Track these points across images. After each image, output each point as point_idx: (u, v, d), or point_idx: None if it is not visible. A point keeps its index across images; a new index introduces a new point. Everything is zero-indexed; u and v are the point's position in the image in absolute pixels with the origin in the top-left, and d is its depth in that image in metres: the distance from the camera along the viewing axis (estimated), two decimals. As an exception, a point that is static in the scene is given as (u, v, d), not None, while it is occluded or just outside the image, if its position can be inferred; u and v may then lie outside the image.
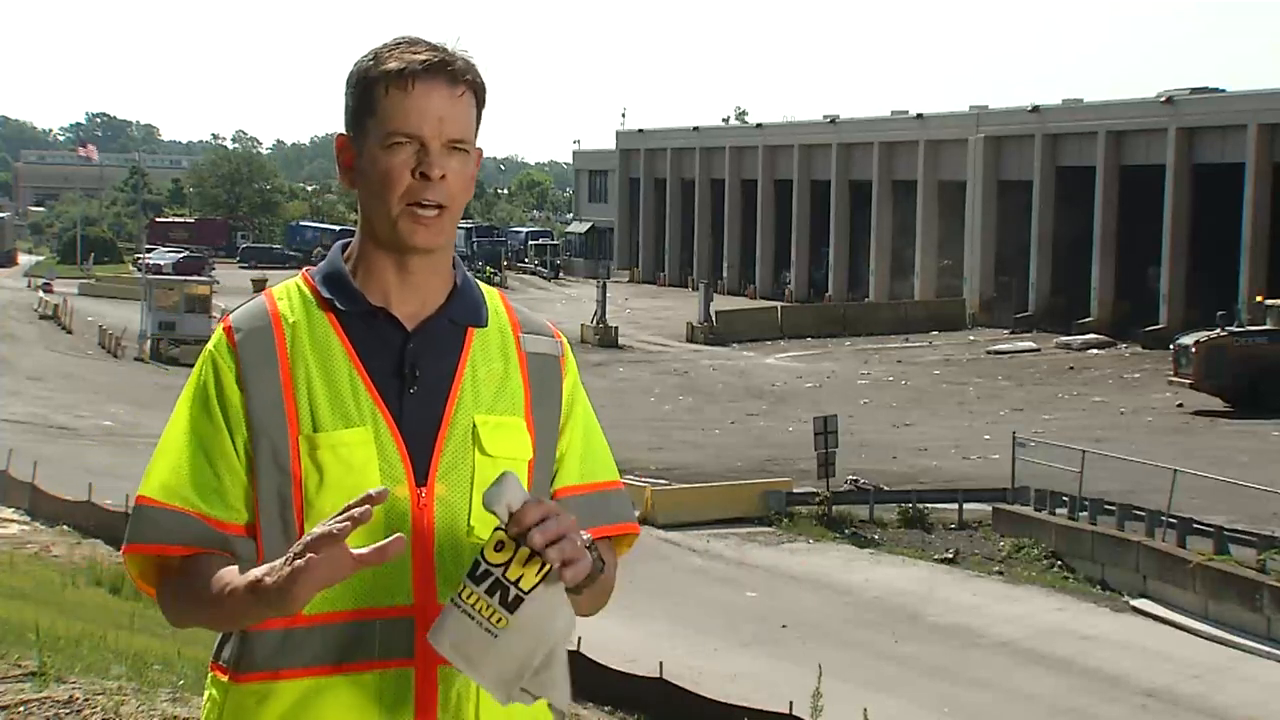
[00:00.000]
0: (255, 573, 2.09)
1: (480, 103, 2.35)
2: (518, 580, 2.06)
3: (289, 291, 2.37)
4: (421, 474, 2.27)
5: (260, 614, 2.13)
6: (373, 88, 2.29)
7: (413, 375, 2.30)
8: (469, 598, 2.07)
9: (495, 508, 2.07)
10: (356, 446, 2.25)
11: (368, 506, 2.02)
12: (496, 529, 2.08)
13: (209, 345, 2.34)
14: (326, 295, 2.33)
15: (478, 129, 2.36)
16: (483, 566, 2.07)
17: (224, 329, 2.33)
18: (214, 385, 2.29)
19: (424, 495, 2.26)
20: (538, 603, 2.07)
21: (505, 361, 2.38)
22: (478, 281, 2.45)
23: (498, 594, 2.06)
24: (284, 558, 2.04)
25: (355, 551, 2.01)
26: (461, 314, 2.38)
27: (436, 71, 2.27)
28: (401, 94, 2.26)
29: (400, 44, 2.31)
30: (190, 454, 2.28)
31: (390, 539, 2.03)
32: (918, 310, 60.75)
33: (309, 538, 2.02)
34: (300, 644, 2.22)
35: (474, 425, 2.31)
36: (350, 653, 2.22)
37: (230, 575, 2.18)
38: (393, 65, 2.28)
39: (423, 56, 2.28)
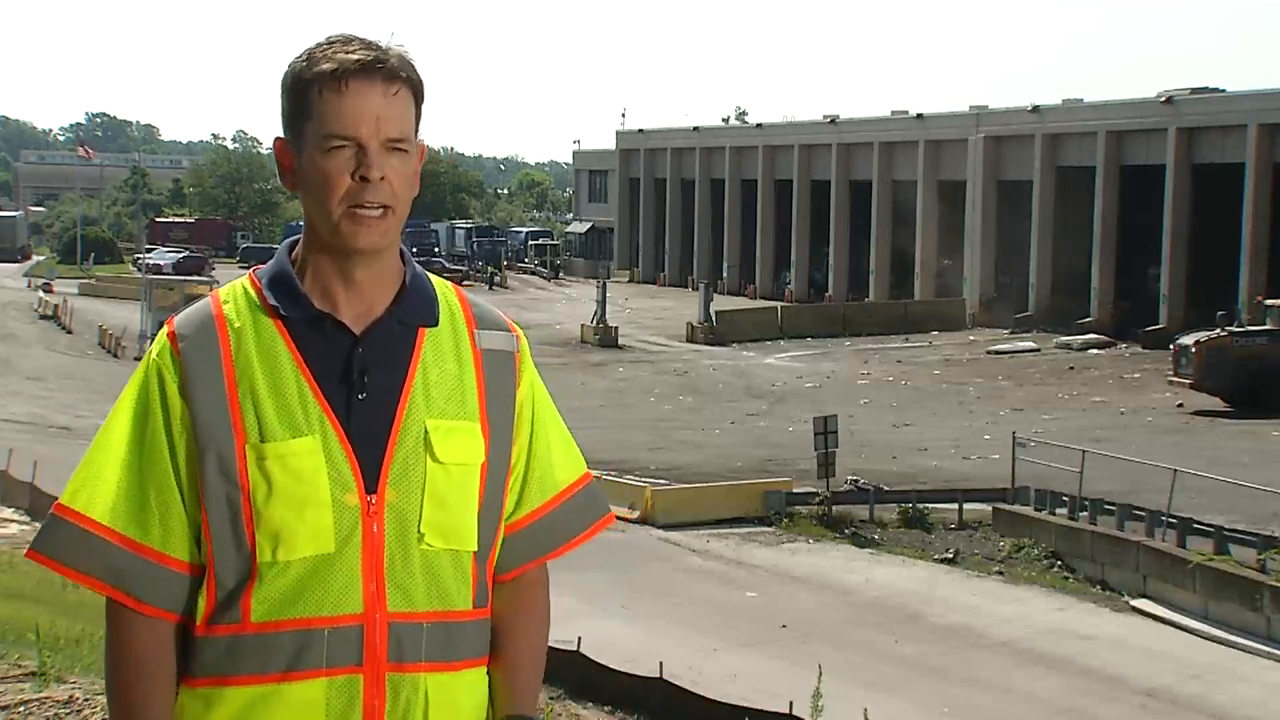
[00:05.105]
0: None
1: (419, 99, 2.31)
2: None
3: (235, 294, 2.33)
4: (371, 481, 2.24)
5: None
6: (307, 90, 2.24)
7: (361, 381, 2.26)
8: None
9: None
10: (305, 456, 2.22)
11: None
12: None
13: (152, 353, 2.29)
14: (272, 301, 2.29)
15: (418, 125, 2.32)
16: None
17: (168, 335, 2.29)
18: (158, 397, 2.26)
19: (374, 502, 2.24)
20: None
21: (459, 362, 2.34)
22: (429, 275, 2.40)
23: None
24: None
25: None
26: (411, 315, 2.33)
27: (371, 71, 2.23)
28: (336, 95, 2.22)
29: (334, 43, 2.27)
30: (131, 473, 2.24)
31: None
32: (918, 310, 60.74)
33: None
34: (247, 651, 2.21)
35: (425, 431, 2.27)
36: (297, 660, 2.20)
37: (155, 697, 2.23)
38: (326, 66, 2.23)
39: (356, 55, 2.23)
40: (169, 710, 2.24)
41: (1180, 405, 37.88)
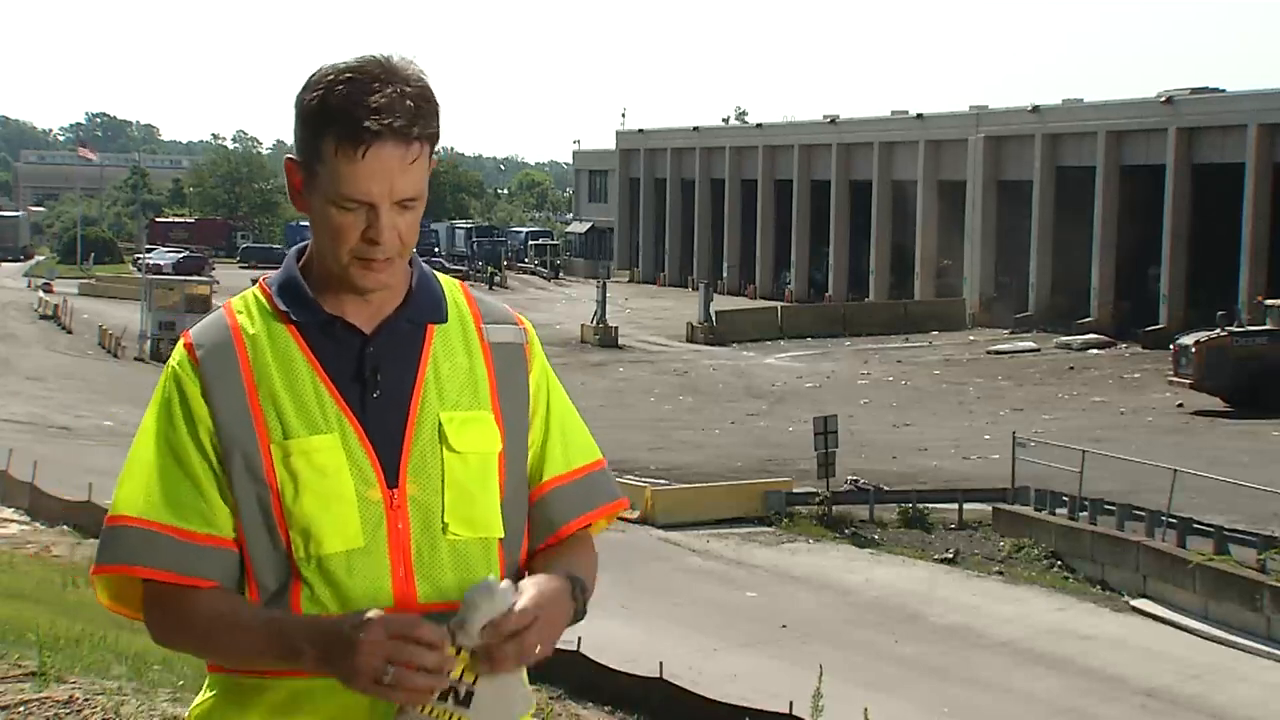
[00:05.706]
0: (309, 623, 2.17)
1: (435, 143, 2.29)
2: (461, 677, 2.13)
3: (247, 303, 2.37)
4: (392, 476, 2.28)
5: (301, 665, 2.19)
6: (321, 139, 2.22)
7: (374, 379, 2.30)
8: (426, 711, 2.13)
9: (471, 620, 2.12)
10: (326, 452, 2.26)
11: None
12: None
13: (171, 363, 2.33)
14: (283, 308, 2.33)
15: (435, 145, 2.30)
16: None
17: (185, 346, 2.33)
18: (179, 403, 2.30)
19: (396, 496, 2.28)
20: (489, 687, 2.14)
21: (469, 355, 2.39)
22: (436, 274, 2.44)
23: (450, 698, 2.13)
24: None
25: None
26: (419, 313, 2.37)
27: (386, 138, 2.20)
28: (350, 163, 2.21)
29: (354, 79, 2.21)
30: (163, 471, 2.28)
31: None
32: (918, 310, 60.76)
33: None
34: None
35: (439, 423, 2.32)
36: None
37: (256, 613, 2.23)
38: (342, 125, 2.19)
39: (373, 126, 2.18)
40: (260, 610, 2.26)
41: (1180, 405, 37.89)
